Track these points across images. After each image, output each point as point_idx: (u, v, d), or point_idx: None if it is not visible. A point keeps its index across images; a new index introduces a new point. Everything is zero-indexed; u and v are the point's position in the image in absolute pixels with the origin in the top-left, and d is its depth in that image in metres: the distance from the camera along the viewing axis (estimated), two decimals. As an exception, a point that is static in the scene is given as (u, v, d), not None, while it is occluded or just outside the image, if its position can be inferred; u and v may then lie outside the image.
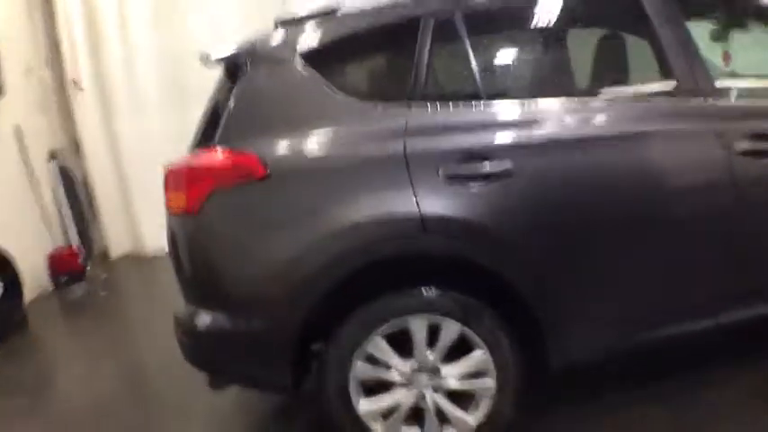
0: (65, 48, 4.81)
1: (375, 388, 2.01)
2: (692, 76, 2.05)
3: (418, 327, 1.93)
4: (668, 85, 2.07)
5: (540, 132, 1.94)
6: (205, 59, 2.11)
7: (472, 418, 2.03)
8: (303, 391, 2.09)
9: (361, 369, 1.96)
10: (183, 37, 5.01)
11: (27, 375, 3.31)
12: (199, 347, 2.08)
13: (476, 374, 2.01)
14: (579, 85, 2.27)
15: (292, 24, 2.06)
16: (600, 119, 2.02)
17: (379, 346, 1.94)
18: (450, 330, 1.95)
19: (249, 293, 1.92)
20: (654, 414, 2.16)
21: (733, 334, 2.18)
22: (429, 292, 1.92)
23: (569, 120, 1.99)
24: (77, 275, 4.73)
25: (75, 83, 4.81)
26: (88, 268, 4.83)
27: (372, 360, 1.96)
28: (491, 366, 1.99)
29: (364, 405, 2.00)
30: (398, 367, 1.97)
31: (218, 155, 1.91)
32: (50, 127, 5.00)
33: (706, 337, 2.15)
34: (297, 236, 1.85)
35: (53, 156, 4.97)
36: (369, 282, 1.89)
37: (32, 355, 3.71)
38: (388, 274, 1.90)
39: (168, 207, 2.06)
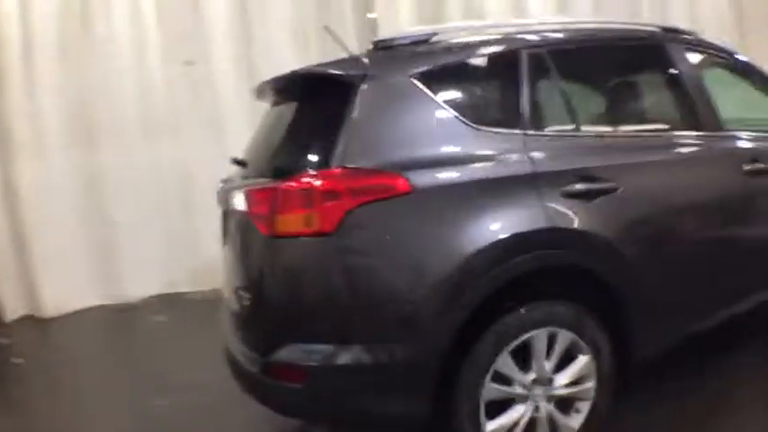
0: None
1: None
2: (711, 117, 2.53)
3: (541, 339, 2.02)
4: (698, 123, 2.51)
5: (632, 156, 2.23)
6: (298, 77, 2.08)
7: (576, 422, 2.15)
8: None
9: (488, 389, 1.98)
10: (92, 72, 4.56)
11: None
12: (319, 392, 1.87)
13: (579, 380, 2.14)
14: (649, 120, 2.61)
15: (390, 47, 2.09)
16: (667, 146, 2.42)
17: (507, 362, 1.99)
18: (565, 339, 2.07)
19: (394, 318, 1.83)
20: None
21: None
22: (553, 305, 2.02)
23: (654, 146, 2.36)
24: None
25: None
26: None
27: (499, 378, 1.99)
28: (593, 369, 2.13)
29: (490, 426, 2.01)
30: (522, 381, 2.03)
31: (357, 171, 1.83)
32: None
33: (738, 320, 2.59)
34: (445, 253, 1.83)
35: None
36: (499, 299, 1.94)
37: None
38: (517, 290, 1.96)
39: (279, 229, 1.85)
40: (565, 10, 5.64)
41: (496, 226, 1.90)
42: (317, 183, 1.81)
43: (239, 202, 2.17)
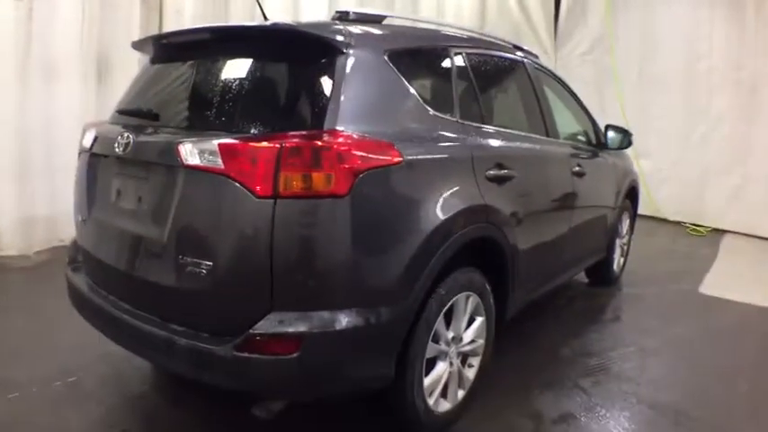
0: None
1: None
2: (553, 126, 3.25)
3: (461, 302, 2.34)
4: (546, 130, 3.18)
5: (520, 150, 2.77)
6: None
7: (471, 375, 2.53)
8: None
9: (430, 347, 2.21)
10: None
11: None
12: (314, 361, 1.80)
13: (476, 338, 2.52)
14: (521, 121, 3.13)
15: (347, 20, 2.23)
16: (534, 145, 2.99)
17: (441, 323, 2.25)
18: (473, 302, 2.43)
19: (388, 281, 1.91)
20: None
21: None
22: (472, 273, 2.36)
23: (527, 143, 2.91)
24: None
25: None
26: None
27: (435, 337, 2.24)
28: (484, 329, 2.55)
29: (426, 381, 2.24)
30: (447, 339, 2.31)
31: (362, 136, 1.87)
32: None
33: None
34: (426, 221, 2.01)
35: None
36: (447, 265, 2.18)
37: None
38: (457, 257, 2.23)
39: (282, 189, 1.72)
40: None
41: (458, 199, 2.17)
42: (335, 142, 1.79)
43: (189, 154, 1.84)
